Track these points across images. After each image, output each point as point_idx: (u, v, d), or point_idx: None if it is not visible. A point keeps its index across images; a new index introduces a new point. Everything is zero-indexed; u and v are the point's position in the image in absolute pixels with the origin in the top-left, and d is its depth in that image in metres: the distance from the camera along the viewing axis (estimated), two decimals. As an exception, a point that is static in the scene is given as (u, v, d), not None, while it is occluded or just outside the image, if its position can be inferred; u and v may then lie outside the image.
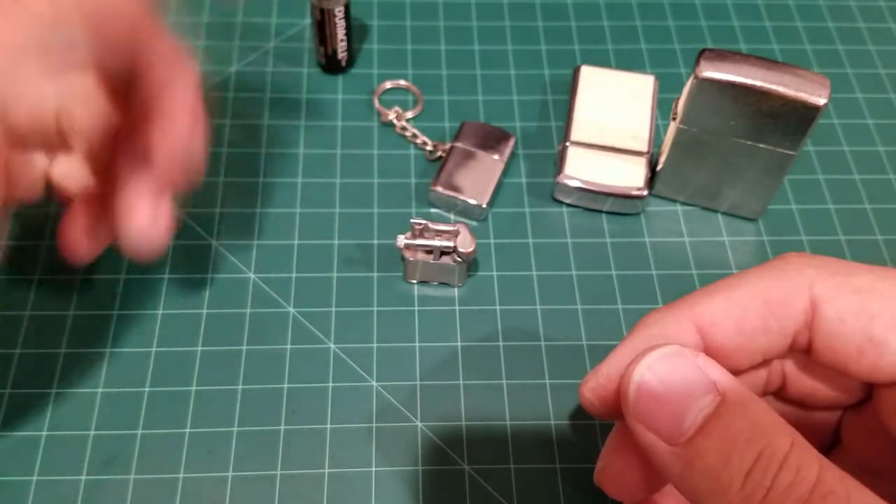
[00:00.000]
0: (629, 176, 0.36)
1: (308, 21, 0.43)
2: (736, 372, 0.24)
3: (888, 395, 0.22)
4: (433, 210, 0.37)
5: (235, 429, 0.30)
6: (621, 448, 0.24)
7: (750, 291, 0.23)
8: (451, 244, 0.32)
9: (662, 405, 0.20)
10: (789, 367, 0.24)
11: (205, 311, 0.33)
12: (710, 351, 0.23)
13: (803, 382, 0.24)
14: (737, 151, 0.34)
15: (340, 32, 0.39)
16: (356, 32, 0.43)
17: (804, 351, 0.23)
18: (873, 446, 0.24)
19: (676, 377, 0.20)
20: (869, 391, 0.24)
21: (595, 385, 0.24)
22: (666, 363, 0.20)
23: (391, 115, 0.39)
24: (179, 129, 0.25)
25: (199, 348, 0.32)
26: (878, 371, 0.21)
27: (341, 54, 0.40)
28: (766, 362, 0.24)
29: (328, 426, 0.31)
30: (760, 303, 0.22)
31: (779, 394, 0.25)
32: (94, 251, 0.29)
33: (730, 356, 0.23)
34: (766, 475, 0.18)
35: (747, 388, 0.20)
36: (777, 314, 0.22)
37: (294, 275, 0.34)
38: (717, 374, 0.20)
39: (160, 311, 0.33)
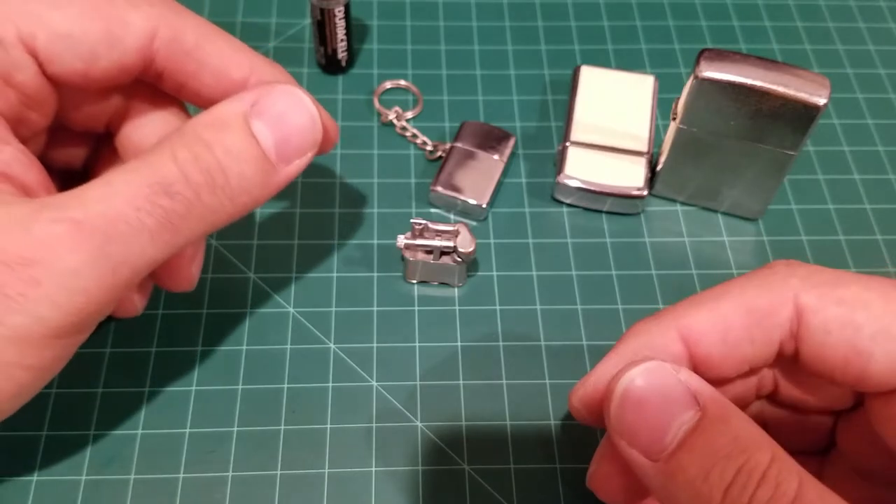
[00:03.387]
0: (629, 176, 0.36)
1: (308, 21, 0.43)
2: (723, 381, 0.24)
3: (877, 403, 0.22)
4: (433, 210, 0.37)
5: (235, 429, 0.30)
6: (610, 454, 0.25)
7: (734, 302, 0.23)
8: (451, 244, 0.32)
9: (644, 420, 0.20)
10: (780, 373, 0.25)
11: (205, 311, 0.33)
12: (696, 361, 0.23)
13: (794, 388, 0.25)
14: (737, 151, 0.34)
15: (340, 32, 0.39)
16: (356, 32, 0.43)
17: (791, 359, 0.23)
18: (866, 450, 0.24)
19: (658, 392, 0.20)
20: (860, 396, 0.24)
21: (583, 394, 0.24)
22: (647, 378, 0.20)
23: (391, 115, 0.39)
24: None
25: (199, 348, 0.32)
26: (864, 380, 0.22)
27: (341, 54, 0.40)
28: (754, 370, 0.24)
29: (328, 426, 0.31)
30: (744, 313, 0.23)
31: (772, 398, 0.25)
32: (145, 303, 0.30)
33: (716, 366, 0.23)
34: (744, 491, 0.18)
35: (729, 402, 0.20)
36: (761, 324, 0.22)
37: (294, 275, 0.34)
38: (699, 388, 0.20)
39: (160, 312, 0.33)
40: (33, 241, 0.22)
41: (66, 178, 0.30)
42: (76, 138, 0.30)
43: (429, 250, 0.33)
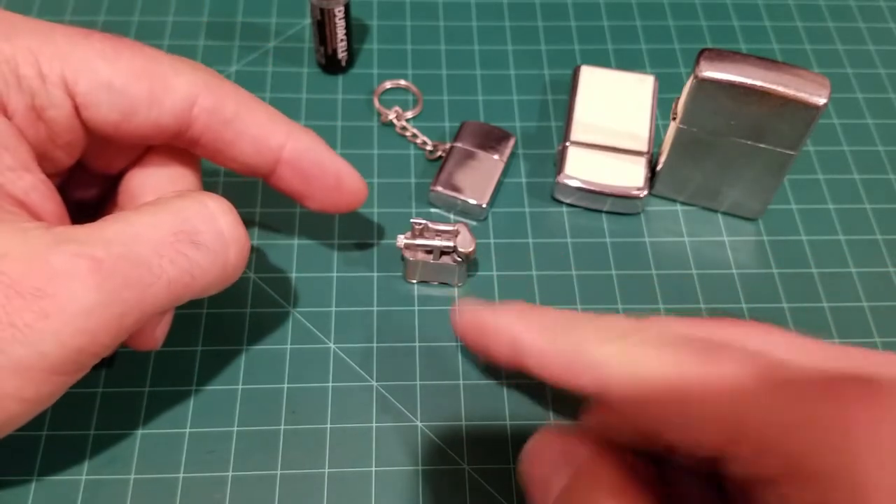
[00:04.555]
0: (629, 176, 0.36)
1: (308, 21, 0.43)
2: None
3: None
4: (433, 210, 0.37)
5: (235, 429, 0.30)
6: None
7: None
8: (451, 244, 0.32)
9: (534, 478, 0.23)
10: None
11: (205, 311, 0.33)
12: None
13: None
14: (737, 151, 0.34)
15: (340, 32, 0.39)
16: (356, 32, 0.43)
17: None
18: None
19: (546, 457, 0.23)
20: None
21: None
22: (538, 445, 0.24)
23: (391, 115, 0.39)
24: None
25: (199, 348, 0.32)
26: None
27: (341, 54, 0.40)
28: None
29: (328, 426, 0.31)
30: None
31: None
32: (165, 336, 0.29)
33: None
34: None
35: (602, 464, 0.22)
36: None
37: (294, 275, 0.34)
38: (575, 451, 0.23)
39: (160, 311, 0.33)
40: (51, 273, 0.22)
41: (77, 210, 0.30)
42: (93, 177, 0.30)
43: (429, 250, 0.33)
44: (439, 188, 0.36)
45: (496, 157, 0.37)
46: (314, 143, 0.29)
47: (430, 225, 0.32)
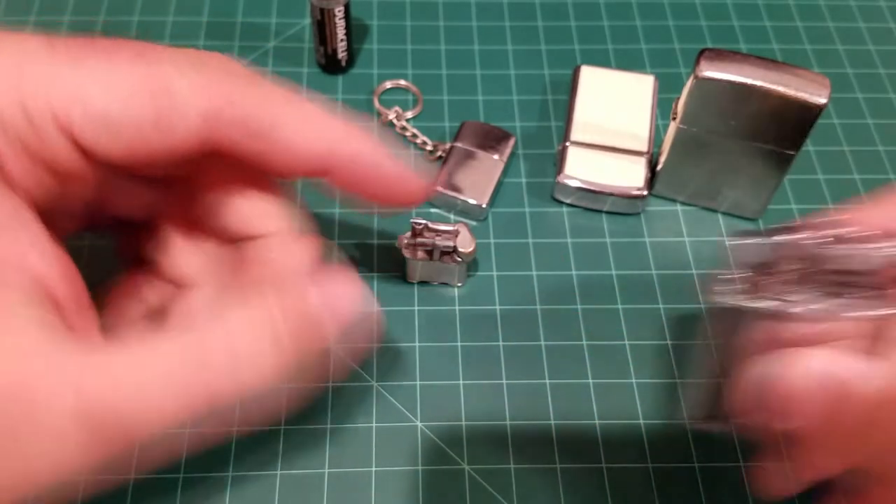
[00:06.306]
0: (629, 176, 0.36)
1: (308, 21, 0.43)
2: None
3: None
4: (433, 210, 0.37)
5: (235, 429, 0.30)
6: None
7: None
8: (451, 244, 0.32)
9: None
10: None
11: (205, 311, 0.33)
12: None
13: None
14: (737, 151, 0.34)
15: (340, 32, 0.39)
16: (356, 32, 0.43)
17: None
18: None
19: None
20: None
21: None
22: None
23: (391, 115, 0.39)
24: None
25: (200, 348, 0.32)
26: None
27: (341, 54, 0.40)
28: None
29: (328, 426, 0.31)
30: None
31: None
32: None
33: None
34: None
35: None
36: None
37: (294, 275, 0.34)
38: None
39: (160, 311, 0.33)
40: (33, 416, 0.20)
41: (126, 225, 0.27)
42: (135, 186, 0.26)
43: (429, 250, 0.33)
44: (439, 188, 0.36)
45: (496, 157, 0.37)
46: (359, 144, 0.25)
47: (430, 225, 0.32)
